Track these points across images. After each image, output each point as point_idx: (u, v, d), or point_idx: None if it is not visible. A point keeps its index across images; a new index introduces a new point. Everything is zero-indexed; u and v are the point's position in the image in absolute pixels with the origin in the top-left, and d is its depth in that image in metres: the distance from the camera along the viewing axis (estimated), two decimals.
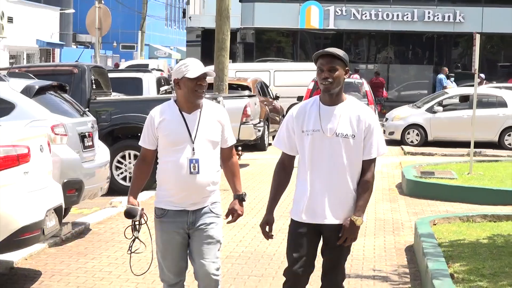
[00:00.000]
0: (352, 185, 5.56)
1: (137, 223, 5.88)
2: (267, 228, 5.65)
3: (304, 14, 40.46)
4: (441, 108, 27.04)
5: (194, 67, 5.66)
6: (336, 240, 5.51)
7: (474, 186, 15.54)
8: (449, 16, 41.24)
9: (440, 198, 15.11)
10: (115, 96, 17.64)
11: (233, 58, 28.40)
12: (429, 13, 41.37)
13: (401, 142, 26.83)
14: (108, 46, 62.41)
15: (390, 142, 26.64)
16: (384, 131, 27.05)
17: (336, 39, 43.04)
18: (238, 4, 36.37)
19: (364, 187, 5.55)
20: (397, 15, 41.69)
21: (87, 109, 13.79)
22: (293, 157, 5.77)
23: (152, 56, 64.84)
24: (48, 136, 9.90)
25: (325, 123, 5.45)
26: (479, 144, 19.85)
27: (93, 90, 15.90)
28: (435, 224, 11.00)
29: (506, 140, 26.03)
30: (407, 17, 41.63)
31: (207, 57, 37.03)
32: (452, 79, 36.88)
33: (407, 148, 26.02)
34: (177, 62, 55.15)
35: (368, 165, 5.57)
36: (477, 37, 17.64)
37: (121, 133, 15.26)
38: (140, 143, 5.95)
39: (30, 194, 8.46)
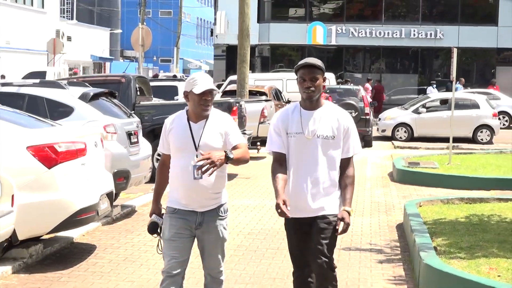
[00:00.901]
0: (334, 180, 5.31)
1: (158, 227, 5.51)
2: (284, 207, 5.10)
3: (311, 33, 40.35)
4: (424, 110, 27.02)
5: (201, 83, 5.24)
6: (326, 228, 5.22)
7: (453, 174, 15.50)
8: (431, 34, 41.04)
9: (424, 184, 15.09)
10: (155, 100, 17.70)
11: (252, 69, 28.37)
12: (414, 31, 41.18)
13: (391, 138, 26.69)
14: (149, 60, 62.49)
15: (382, 138, 26.76)
16: (378, 129, 27.06)
17: (337, 53, 43.02)
18: (256, 24, 36.26)
19: (348, 181, 5.32)
20: (388, 33, 41.49)
21: (133, 111, 13.84)
22: (285, 154, 5.38)
23: (186, 68, 64.82)
24: (101, 134, 9.96)
25: (307, 126, 5.23)
26: (456, 139, 19.77)
27: (138, 96, 15.94)
28: (421, 206, 10.98)
29: (479, 136, 26.02)
30: (396, 35, 41.43)
31: (230, 69, 37.17)
32: (435, 85, 36.83)
33: (396, 143, 25.89)
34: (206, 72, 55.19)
35: (347, 162, 5.36)
36: (455, 50, 17.58)
37: (160, 132, 15.16)
38: (158, 149, 5.72)
39: (86, 182, 8.52)
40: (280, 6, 43.79)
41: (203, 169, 5.08)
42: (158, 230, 5.49)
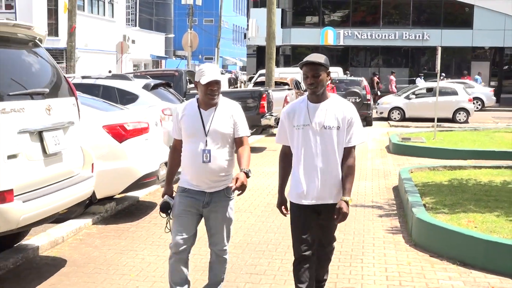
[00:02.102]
0: (339, 169, 4.65)
1: (170, 208, 4.97)
2: (283, 208, 4.83)
3: (323, 35, 40.14)
4: (414, 96, 26.97)
5: (207, 74, 4.70)
6: (331, 216, 4.61)
7: (437, 147, 15.41)
8: (419, 36, 40.73)
9: (414, 155, 15.02)
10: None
11: (277, 64, 28.32)
12: (405, 33, 40.88)
13: (387, 119, 26.62)
14: (196, 58, 62.58)
15: (380, 119, 26.60)
16: (377, 111, 26.95)
17: (344, 52, 42.72)
18: (280, 29, 36.08)
19: (349, 171, 4.63)
20: (384, 35, 41.22)
21: (184, 98, 13.87)
22: (289, 147, 4.82)
23: (224, 64, 64.79)
24: (160, 116, 10.02)
25: (314, 118, 4.57)
26: (439, 120, 19.63)
27: (188, 86, 15.99)
28: (412, 172, 10.94)
29: (457, 117, 25.88)
30: (391, 37, 41.15)
31: (260, 65, 37.06)
32: (422, 76, 36.74)
33: (392, 123, 25.85)
34: (240, 69, 55.04)
35: (349, 151, 4.66)
36: (439, 49, 17.43)
37: None
38: (171, 134, 5.16)
39: (149, 153, 8.57)
40: (299, 15, 43.59)
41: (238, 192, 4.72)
42: (169, 211, 4.97)
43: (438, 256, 6.73)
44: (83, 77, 12.67)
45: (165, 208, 4.94)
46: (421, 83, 31.40)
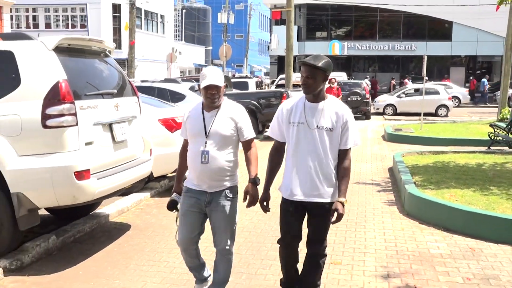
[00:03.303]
0: (331, 169, 3.86)
1: (177, 205, 4.22)
2: (264, 204, 3.98)
3: (331, 47, 39.91)
4: (404, 95, 26.76)
5: (207, 78, 3.96)
6: (320, 215, 3.88)
7: (424, 136, 15.26)
8: (407, 47, 40.52)
9: (405, 142, 14.84)
10: (235, 91, 17.71)
11: (294, 70, 28.05)
12: (397, 45, 40.73)
13: (383, 113, 26.39)
14: (229, 66, 62.51)
15: (377, 114, 26.33)
16: (374, 108, 26.71)
17: (347, 60, 42.49)
18: (296, 42, 35.82)
19: (344, 173, 3.87)
20: (380, 46, 41.02)
21: None
22: (284, 143, 4.02)
23: (251, 70, 64.67)
24: None
25: (309, 117, 3.82)
26: (425, 114, 19.42)
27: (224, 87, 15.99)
28: (403, 156, 10.85)
29: (439, 112, 25.63)
30: (385, 47, 40.95)
31: (280, 70, 37.04)
32: (410, 80, 36.48)
33: (386, 117, 25.60)
34: (264, 74, 54.83)
35: (345, 153, 3.89)
36: (425, 57, 17.23)
37: None
38: (180, 134, 4.38)
39: None
40: (311, 31, 43.40)
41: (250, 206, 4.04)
42: (178, 207, 4.22)
43: (426, 223, 6.68)
44: (142, 81, 12.75)
45: (172, 206, 4.23)
46: (410, 85, 31.09)
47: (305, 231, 4.02)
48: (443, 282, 4.81)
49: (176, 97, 11.20)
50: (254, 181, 3.99)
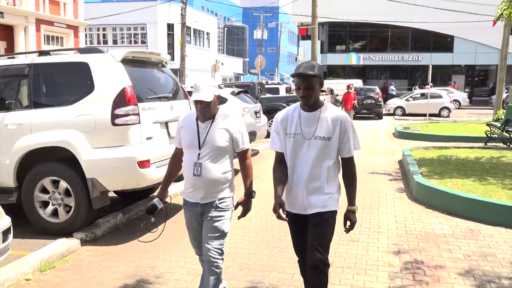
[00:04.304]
0: (330, 179, 3.08)
1: (157, 211, 3.46)
2: (280, 211, 3.01)
3: (349, 58, 39.58)
4: (412, 99, 26.21)
5: (196, 92, 3.21)
6: (318, 222, 3.05)
7: (429, 133, 14.91)
8: (414, 58, 39.70)
9: (413, 139, 14.55)
10: (268, 95, 17.67)
11: None
12: (405, 56, 39.91)
13: (393, 114, 25.91)
14: (263, 74, 62.42)
15: (388, 115, 25.88)
16: (385, 109, 26.18)
17: (363, 69, 41.82)
18: (319, 54, 35.62)
19: (350, 181, 3.12)
20: (391, 57, 40.30)
21: (257, 100, 13.90)
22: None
23: (282, 78, 64.44)
24: (241, 112, 10.02)
25: (305, 127, 3.04)
26: (429, 115, 18.97)
27: (259, 93, 15.98)
28: (412, 150, 10.65)
29: (442, 113, 25.01)
30: (395, 58, 40.20)
31: None
32: (417, 86, 35.77)
33: (396, 117, 25.12)
34: (292, 82, 54.43)
35: (348, 161, 3.12)
36: (430, 67, 16.88)
37: (271, 111, 15.24)
38: (174, 142, 3.54)
39: None
40: (332, 44, 42.76)
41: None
42: (155, 213, 3.47)
43: (431, 207, 6.54)
44: (192, 87, 12.79)
45: (151, 210, 3.45)
46: (416, 90, 30.46)
47: None
48: (446, 258, 4.70)
49: (219, 101, 11.23)
50: (249, 195, 3.31)
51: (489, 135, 12.68)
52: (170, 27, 38.03)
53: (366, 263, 4.59)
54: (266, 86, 20.65)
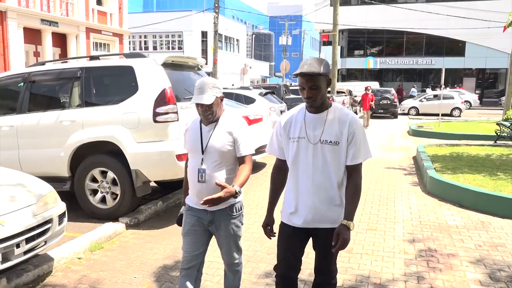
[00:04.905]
0: (338, 189, 2.42)
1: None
2: (268, 228, 2.61)
3: (367, 62, 38.98)
4: (425, 100, 25.62)
5: (195, 94, 2.68)
6: (326, 242, 2.41)
7: (441, 131, 14.55)
8: (428, 61, 38.77)
9: (426, 137, 14.24)
10: (292, 96, 17.55)
11: (338, 80, 27.62)
12: (419, 60, 39.02)
13: (407, 114, 25.40)
14: (287, 76, 62.22)
15: (403, 114, 25.39)
16: (401, 109, 25.68)
17: (379, 72, 41.12)
18: (339, 58, 35.15)
19: (353, 192, 2.39)
20: (406, 61, 39.48)
21: (282, 100, 13.83)
22: (286, 161, 2.58)
23: None
24: (268, 112, 9.98)
25: (310, 131, 2.42)
26: (442, 114, 18.56)
27: (284, 93, 15.90)
28: (425, 147, 10.44)
29: (453, 113, 24.31)
30: (410, 62, 39.35)
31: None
32: (430, 88, 35.02)
33: (410, 116, 24.60)
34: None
35: (354, 169, 2.42)
36: (443, 70, 16.44)
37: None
38: (183, 147, 3.00)
39: (262, 134, 8.55)
40: (351, 49, 42.14)
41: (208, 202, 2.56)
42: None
43: (444, 200, 6.39)
44: (223, 88, 12.82)
45: (181, 221, 2.94)
46: (429, 92, 29.77)
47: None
48: (459, 247, 4.58)
49: (248, 101, 11.21)
50: (235, 190, 2.61)
51: (498, 133, 12.30)
52: (204, 34, 38.24)
53: (383, 250, 4.52)
54: (290, 88, 20.54)
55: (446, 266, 4.10)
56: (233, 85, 31.48)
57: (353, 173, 2.42)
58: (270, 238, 2.64)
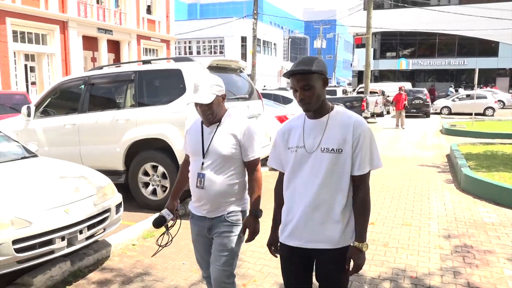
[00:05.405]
0: (339, 204, 1.94)
1: (169, 224, 2.65)
2: (272, 248, 2.20)
3: (399, 63, 38.00)
4: (457, 99, 24.52)
5: (194, 93, 2.39)
6: (326, 264, 1.99)
7: (475, 130, 13.88)
8: (460, 62, 37.34)
9: (459, 135, 13.62)
10: (327, 96, 17.26)
11: (371, 81, 26.98)
12: (452, 61, 37.61)
13: (440, 113, 24.40)
14: None
15: (435, 113, 24.49)
16: (433, 109, 24.73)
17: (411, 73, 39.88)
18: (372, 60, 34.20)
19: (361, 208, 1.95)
20: (438, 62, 38.14)
21: None
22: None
23: (338, 81, 62.86)
24: None
25: (309, 138, 1.99)
26: (475, 114, 17.77)
27: None
28: (459, 146, 9.99)
29: (486, 112, 23.10)
30: (442, 63, 38.01)
31: (360, 82, 35.72)
32: (463, 88, 33.64)
33: (442, 116, 23.60)
34: (347, 84, 52.98)
35: (361, 180, 1.95)
36: (476, 70, 15.72)
37: None
38: (182, 150, 2.88)
39: None
40: (384, 51, 41.10)
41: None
42: (165, 226, 2.63)
43: (479, 198, 6.10)
44: (263, 89, 12.83)
45: (158, 223, 2.59)
46: (461, 91, 28.55)
47: None
48: (495, 244, 4.36)
49: (286, 101, 11.18)
50: (255, 214, 2.39)
51: None
52: (243, 39, 38.42)
53: (418, 245, 4.37)
54: (327, 88, 20.34)
55: (483, 262, 3.92)
56: (264, 86, 31.40)
57: (360, 185, 1.96)
58: (276, 257, 2.17)
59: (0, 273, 3.08)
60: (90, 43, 20.13)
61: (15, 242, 3.10)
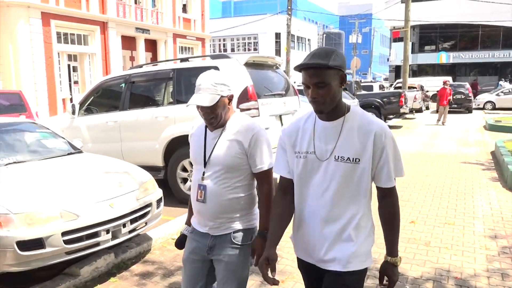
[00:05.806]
0: (356, 222, 1.68)
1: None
2: (264, 266, 1.70)
3: (439, 57, 36.75)
4: (502, 93, 23.42)
5: (196, 93, 2.00)
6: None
7: None
8: (505, 54, 35.72)
9: (504, 131, 13.00)
10: (363, 92, 16.98)
11: (409, 75, 26.21)
12: (496, 54, 35.89)
13: (483, 108, 23.39)
14: (357, 74, 60.29)
15: (478, 109, 23.53)
16: (475, 104, 23.73)
17: (452, 67, 38.40)
18: (410, 54, 33.26)
19: (390, 220, 1.71)
20: (481, 55, 36.57)
21: (354, 96, 13.47)
22: (292, 180, 1.80)
23: (374, 77, 61.50)
24: None
25: (321, 143, 1.67)
26: None
27: (356, 90, 15.45)
28: (505, 142, 9.53)
29: None
30: (485, 56, 36.44)
31: (397, 77, 34.83)
32: (508, 81, 32.02)
33: (485, 111, 22.61)
34: (383, 80, 51.68)
35: (389, 192, 1.69)
36: None
37: (366, 106, 14.62)
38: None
39: None
40: (422, 45, 39.78)
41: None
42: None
43: None
44: (298, 85, 12.76)
45: (181, 243, 2.24)
46: (506, 85, 27.23)
47: None
48: None
49: None
50: (262, 235, 1.98)
51: None
52: (278, 35, 38.32)
53: (462, 245, 4.22)
54: (361, 84, 19.92)
55: None
56: (294, 82, 31.24)
57: (387, 197, 1.73)
58: (271, 285, 1.75)
59: (50, 263, 3.22)
60: (128, 42, 20.70)
61: (64, 234, 3.24)
